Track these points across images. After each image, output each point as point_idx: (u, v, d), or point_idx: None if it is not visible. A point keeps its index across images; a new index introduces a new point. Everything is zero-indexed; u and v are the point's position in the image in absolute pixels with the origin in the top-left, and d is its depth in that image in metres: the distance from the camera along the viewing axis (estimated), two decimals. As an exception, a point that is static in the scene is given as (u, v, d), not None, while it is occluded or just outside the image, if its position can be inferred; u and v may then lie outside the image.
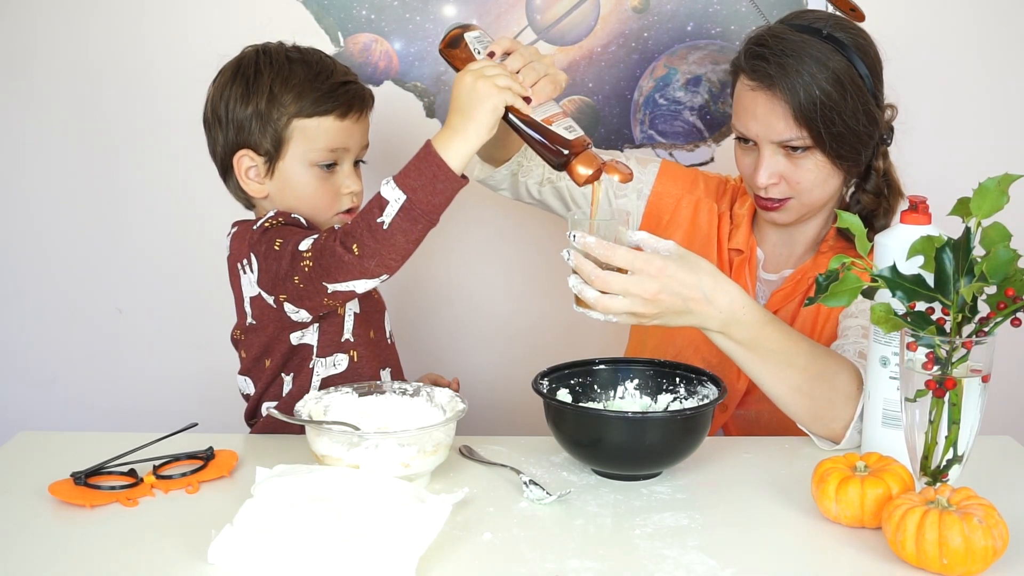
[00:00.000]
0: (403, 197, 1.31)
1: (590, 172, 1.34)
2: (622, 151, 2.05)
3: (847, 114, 1.52)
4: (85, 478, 1.26)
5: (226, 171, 1.56)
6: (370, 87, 1.60)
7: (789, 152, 1.55)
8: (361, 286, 1.36)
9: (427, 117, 2.03)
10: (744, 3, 1.99)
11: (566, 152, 1.35)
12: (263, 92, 1.51)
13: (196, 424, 1.56)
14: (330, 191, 1.54)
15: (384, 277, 1.36)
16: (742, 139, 1.60)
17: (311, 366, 1.52)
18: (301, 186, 1.53)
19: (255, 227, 1.48)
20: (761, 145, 1.56)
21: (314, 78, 1.51)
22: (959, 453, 1.20)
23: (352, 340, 1.54)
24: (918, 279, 1.19)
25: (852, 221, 1.24)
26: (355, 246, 1.33)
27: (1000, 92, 2.05)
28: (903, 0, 2.01)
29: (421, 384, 1.40)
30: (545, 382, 1.40)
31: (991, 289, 1.16)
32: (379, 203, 1.32)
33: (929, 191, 2.06)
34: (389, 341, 1.63)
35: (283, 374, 1.53)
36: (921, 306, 1.19)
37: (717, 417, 1.68)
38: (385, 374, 1.58)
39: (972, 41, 2.03)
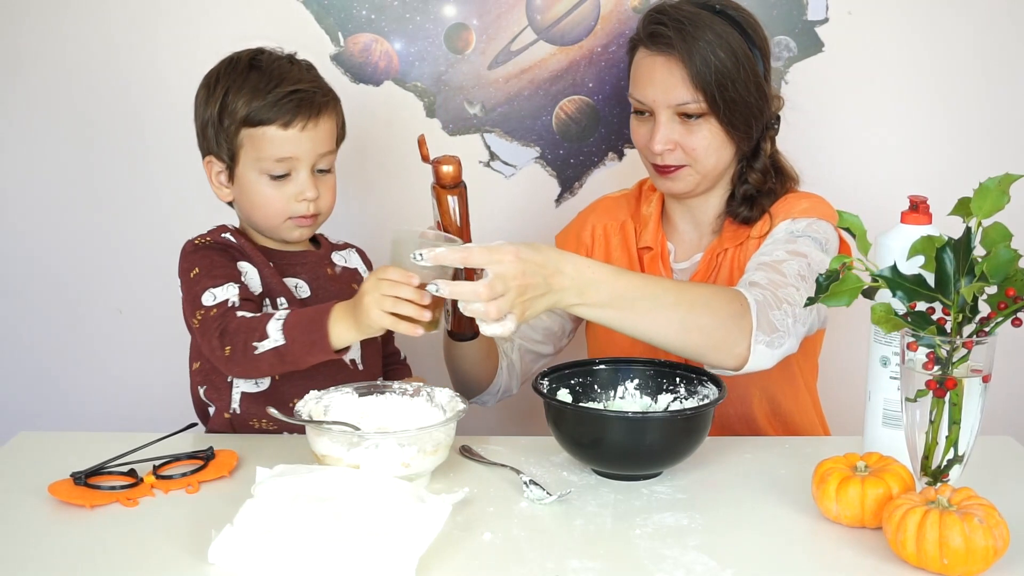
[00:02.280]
0: (281, 342, 1.38)
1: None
2: (622, 152, 2.05)
3: (740, 83, 1.59)
4: (85, 478, 1.26)
5: None
6: (368, 85, 1.59)
7: (684, 119, 1.61)
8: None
9: (427, 117, 2.03)
10: (744, 3, 1.98)
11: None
12: (217, 99, 1.52)
13: (196, 424, 1.56)
14: (282, 199, 1.53)
15: (224, 366, 1.44)
16: (638, 112, 1.65)
17: (229, 380, 1.54)
18: (254, 194, 1.53)
19: (192, 240, 1.55)
20: (657, 112, 1.61)
21: (263, 87, 1.50)
22: (959, 453, 1.20)
23: None
24: (918, 279, 1.19)
25: (852, 221, 1.25)
26: (228, 348, 1.41)
27: (999, 92, 2.05)
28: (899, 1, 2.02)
29: (421, 384, 1.40)
30: (545, 382, 1.40)
31: (992, 289, 1.16)
32: (262, 332, 1.39)
33: (928, 191, 2.06)
34: (355, 367, 1.60)
35: (202, 385, 1.57)
36: (921, 306, 1.19)
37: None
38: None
39: (970, 41, 2.03)
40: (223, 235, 1.56)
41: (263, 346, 1.38)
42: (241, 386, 1.53)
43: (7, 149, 2.06)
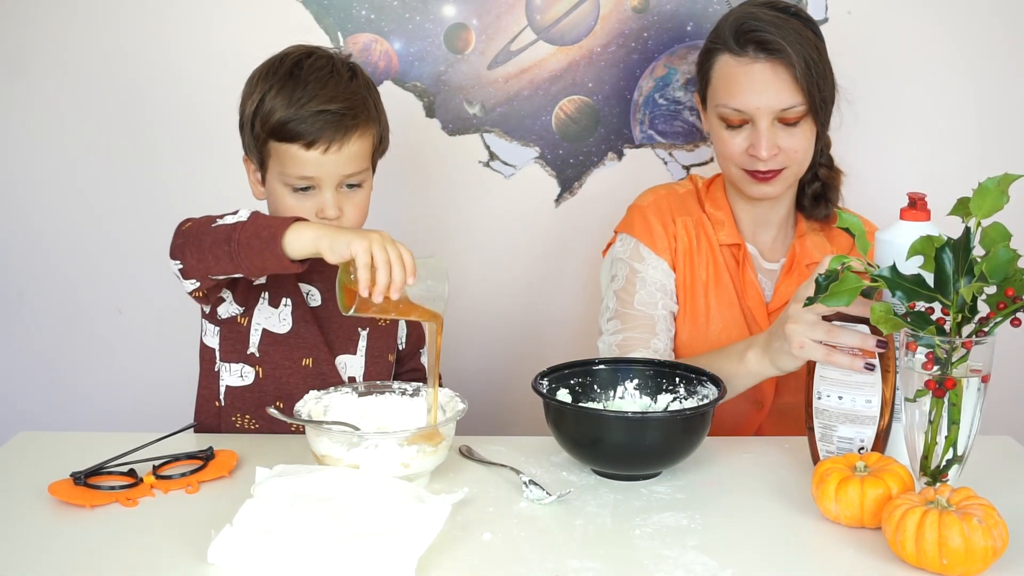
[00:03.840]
0: (244, 219, 1.35)
1: None
2: (622, 152, 2.05)
3: (828, 81, 1.63)
4: (85, 478, 1.26)
5: None
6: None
7: (783, 123, 1.61)
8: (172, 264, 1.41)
9: (427, 117, 2.03)
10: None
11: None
12: (254, 103, 1.50)
13: (196, 424, 1.56)
14: (303, 212, 1.49)
15: (176, 265, 1.39)
16: (728, 121, 1.63)
17: (216, 369, 1.54)
18: (278, 203, 1.52)
19: None
20: (758, 119, 1.60)
21: (296, 100, 1.47)
22: (959, 453, 1.20)
23: (257, 355, 1.54)
24: (918, 279, 1.19)
25: (852, 221, 1.25)
26: (189, 223, 1.39)
27: (998, 92, 2.05)
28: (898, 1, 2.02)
29: (421, 384, 1.40)
30: (545, 382, 1.40)
31: (991, 289, 1.16)
32: (233, 213, 1.37)
33: (928, 190, 2.06)
34: (347, 378, 1.60)
35: (200, 373, 1.57)
36: (920, 306, 1.20)
37: (752, 417, 1.69)
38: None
39: (970, 40, 2.03)
40: None
41: (224, 220, 1.36)
42: (226, 379, 1.53)
43: (9, 149, 2.06)
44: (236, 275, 1.38)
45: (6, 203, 2.08)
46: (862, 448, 1.29)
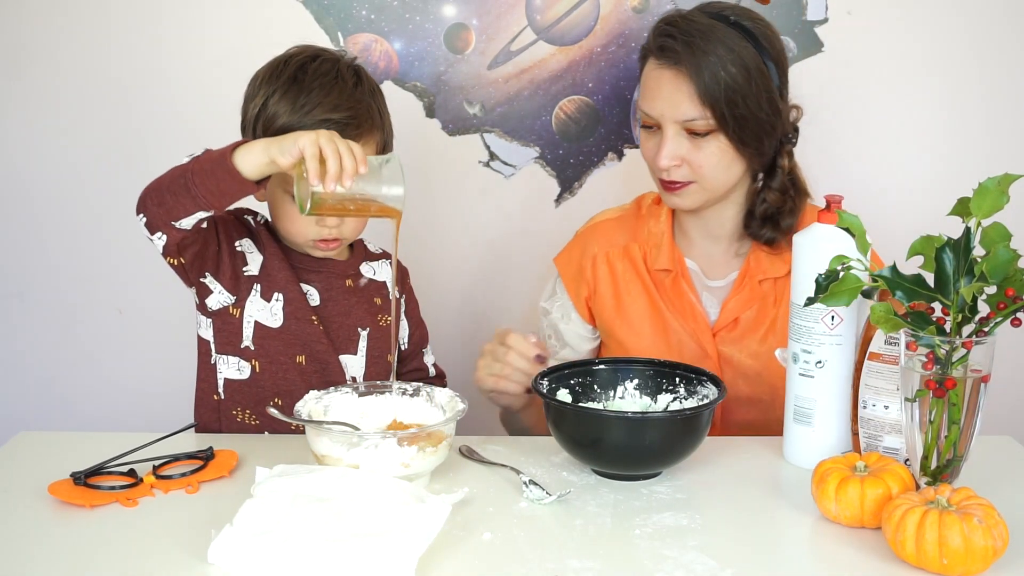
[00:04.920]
0: (199, 152, 1.35)
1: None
2: (622, 152, 2.05)
3: (751, 99, 1.54)
4: (85, 478, 1.26)
5: None
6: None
7: (692, 135, 1.56)
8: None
9: (427, 117, 2.03)
10: (745, 3, 1.99)
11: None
12: (257, 105, 1.49)
13: (196, 424, 1.56)
14: (305, 220, 1.49)
15: (141, 219, 1.38)
16: (646, 125, 1.60)
17: (213, 362, 1.55)
18: (278, 208, 1.53)
19: None
20: (664, 126, 1.57)
21: (298, 107, 1.46)
22: (959, 453, 1.20)
23: (253, 349, 1.54)
24: (918, 279, 1.20)
25: (852, 221, 1.25)
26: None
27: (998, 92, 2.05)
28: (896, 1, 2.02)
29: (421, 384, 1.40)
30: (545, 382, 1.40)
31: (991, 289, 1.16)
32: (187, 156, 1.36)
33: (927, 190, 2.07)
34: (350, 378, 1.59)
35: (198, 366, 1.58)
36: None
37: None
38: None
39: (970, 40, 2.03)
40: (244, 216, 1.55)
41: (188, 158, 1.35)
42: (224, 372, 1.53)
43: (9, 149, 2.06)
44: (198, 214, 1.35)
45: (6, 203, 2.08)
46: (907, 461, 1.24)
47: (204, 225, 1.41)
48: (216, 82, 1.98)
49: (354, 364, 1.59)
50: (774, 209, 1.62)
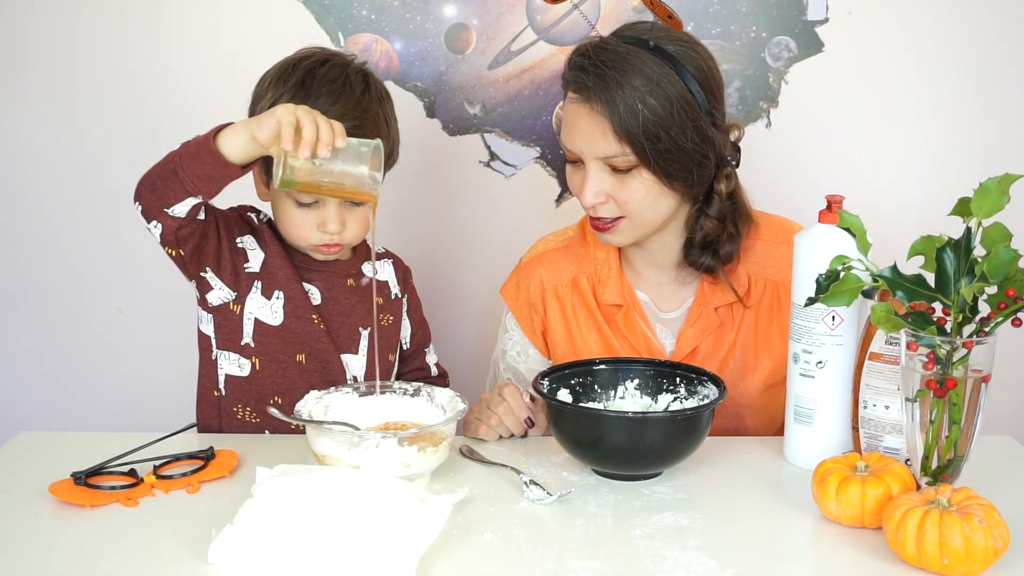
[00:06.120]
0: (190, 139, 1.34)
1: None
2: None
3: (674, 131, 1.44)
4: (85, 478, 1.26)
5: None
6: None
7: (615, 171, 1.47)
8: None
9: (427, 117, 2.03)
10: (745, 3, 1.99)
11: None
12: (263, 109, 1.47)
13: (197, 424, 1.56)
14: (306, 224, 1.50)
15: (138, 207, 1.39)
16: (571, 160, 1.52)
17: (214, 357, 1.55)
18: (281, 212, 1.52)
19: None
20: (586, 162, 1.48)
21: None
22: (959, 453, 1.20)
23: (253, 346, 1.54)
24: (918, 279, 1.20)
25: (852, 221, 1.25)
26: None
27: (998, 92, 2.05)
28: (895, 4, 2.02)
29: (421, 384, 1.40)
30: (545, 382, 1.40)
31: (992, 289, 1.16)
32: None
33: (928, 190, 2.06)
34: (351, 378, 1.59)
35: (199, 361, 1.57)
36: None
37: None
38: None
39: (970, 40, 2.03)
40: (247, 213, 1.55)
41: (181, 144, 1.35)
42: (225, 368, 1.54)
43: (9, 149, 2.06)
44: (188, 200, 1.35)
45: (6, 203, 2.08)
46: (908, 461, 1.24)
47: (201, 216, 1.41)
48: (218, 81, 1.99)
49: (355, 363, 1.59)
50: (713, 237, 1.54)
